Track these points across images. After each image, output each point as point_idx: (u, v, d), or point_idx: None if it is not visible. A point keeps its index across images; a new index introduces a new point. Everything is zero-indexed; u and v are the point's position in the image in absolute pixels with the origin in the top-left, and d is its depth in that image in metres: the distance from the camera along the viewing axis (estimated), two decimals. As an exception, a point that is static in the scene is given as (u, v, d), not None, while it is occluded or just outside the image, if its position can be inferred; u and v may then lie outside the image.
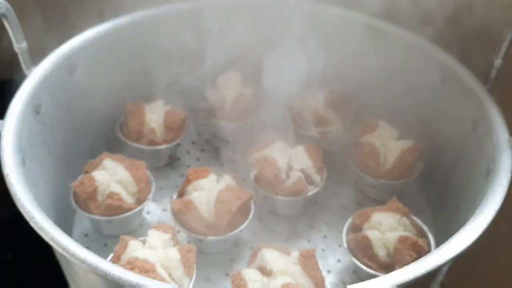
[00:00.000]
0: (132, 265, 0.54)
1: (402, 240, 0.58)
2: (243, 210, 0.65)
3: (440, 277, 0.55)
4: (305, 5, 0.81)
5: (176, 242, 0.61)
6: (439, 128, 0.73)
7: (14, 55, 0.65)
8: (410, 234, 0.60)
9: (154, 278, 0.53)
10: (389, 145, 0.71)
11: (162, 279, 0.55)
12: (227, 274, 0.65)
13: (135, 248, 0.58)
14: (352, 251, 0.62)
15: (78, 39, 0.71)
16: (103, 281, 0.48)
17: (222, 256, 0.67)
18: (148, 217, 0.72)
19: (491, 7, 0.71)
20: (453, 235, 0.50)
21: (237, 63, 0.86)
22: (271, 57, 0.87)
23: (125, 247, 0.58)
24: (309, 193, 0.69)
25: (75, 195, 0.66)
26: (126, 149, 0.81)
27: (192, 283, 0.58)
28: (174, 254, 0.58)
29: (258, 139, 0.85)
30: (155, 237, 0.59)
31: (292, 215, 0.72)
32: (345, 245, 0.62)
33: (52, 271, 0.75)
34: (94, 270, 0.46)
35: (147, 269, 0.54)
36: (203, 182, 0.66)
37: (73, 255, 0.47)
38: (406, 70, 0.76)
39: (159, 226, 0.61)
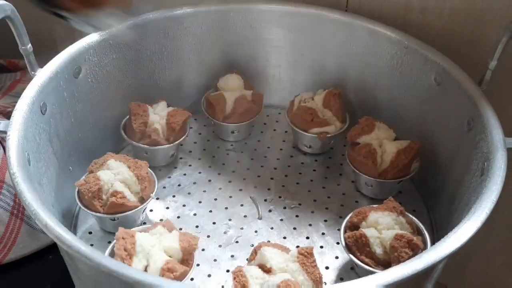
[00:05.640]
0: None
1: (398, 238, 0.59)
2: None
3: (436, 274, 0.56)
4: (305, 9, 0.82)
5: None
6: (434, 128, 0.74)
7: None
8: (406, 232, 0.61)
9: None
10: (386, 145, 0.72)
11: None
12: (228, 271, 0.66)
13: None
14: (350, 248, 0.62)
15: (83, 42, 0.73)
16: (107, 279, 0.49)
17: (223, 253, 0.68)
18: (151, 215, 0.73)
19: (487, 9, 0.72)
20: (448, 233, 0.50)
21: (237, 66, 0.88)
22: (272, 59, 0.89)
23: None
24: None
25: (80, 194, 0.67)
26: (130, 148, 0.83)
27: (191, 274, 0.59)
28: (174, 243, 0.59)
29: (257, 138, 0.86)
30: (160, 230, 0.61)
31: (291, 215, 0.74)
32: (343, 242, 0.63)
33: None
34: (99, 268, 0.46)
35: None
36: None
37: (77, 252, 0.47)
38: (403, 71, 0.77)
39: (164, 223, 0.63)
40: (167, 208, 0.74)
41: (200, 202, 0.75)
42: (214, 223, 0.72)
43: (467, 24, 0.74)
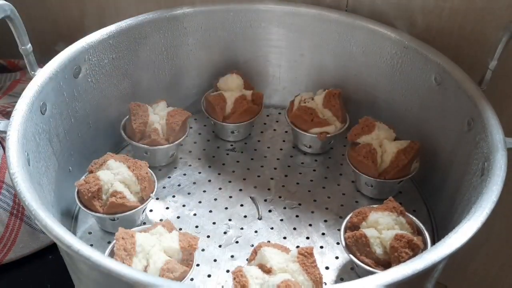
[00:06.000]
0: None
1: (398, 238, 0.59)
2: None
3: (436, 274, 0.56)
4: (305, 9, 0.82)
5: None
6: (435, 128, 0.74)
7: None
8: (406, 232, 0.61)
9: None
10: (386, 145, 0.72)
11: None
12: (227, 271, 0.66)
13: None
14: (350, 248, 0.62)
15: (83, 42, 0.73)
16: (107, 279, 0.49)
17: (222, 254, 0.68)
18: (151, 215, 0.73)
19: (487, 9, 0.72)
20: (449, 233, 0.50)
21: (237, 66, 0.88)
22: (272, 59, 0.89)
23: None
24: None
25: (80, 194, 0.67)
26: (129, 148, 0.83)
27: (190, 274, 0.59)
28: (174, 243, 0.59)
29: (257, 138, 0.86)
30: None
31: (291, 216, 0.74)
32: (343, 243, 0.63)
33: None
34: (98, 268, 0.46)
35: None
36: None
37: (77, 252, 0.47)
38: (403, 71, 0.77)
39: (164, 224, 0.63)
40: (167, 208, 0.74)
41: (200, 202, 0.75)
42: (214, 223, 0.72)
43: (467, 24, 0.74)
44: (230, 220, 0.73)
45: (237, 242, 0.70)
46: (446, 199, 0.70)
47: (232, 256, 0.68)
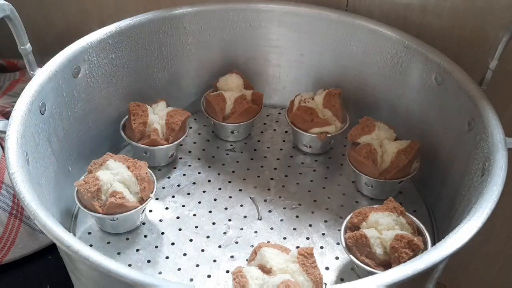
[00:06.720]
0: None
1: (398, 238, 0.59)
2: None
3: (436, 274, 0.56)
4: (305, 9, 0.82)
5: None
6: (435, 128, 0.74)
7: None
8: (407, 232, 0.61)
9: None
10: (386, 145, 0.72)
11: None
12: (227, 271, 0.66)
13: None
14: (350, 249, 0.62)
15: (82, 42, 0.72)
16: (106, 279, 0.49)
17: (222, 254, 0.68)
18: (151, 215, 0.73)
19: (487, 8, 0.72)
20: (449, 234, 0.50)
21: (237, 66, 0.87)
22: (272, 59, 0.89)
23: None
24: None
25: (79, 194, 0.67)
26: (129, 149, 0.83)
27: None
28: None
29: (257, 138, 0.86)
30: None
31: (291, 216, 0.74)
32: (343, 243, 0.63)
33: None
34: (98, 268, 0.46)
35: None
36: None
37: (76, 253, 0.47)
38: (403, 71, 0.77)
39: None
40: (167, 208, 0.74)
41: (199, 202, 0.75)
42: (213, 223, 0.72)
43: (467, 24, 0.74)
44: (230, 220, 0.72)
45: (237, 242, 0.70)
46: (446, 199, 0.70)
47: (232, 257, 0.68)
